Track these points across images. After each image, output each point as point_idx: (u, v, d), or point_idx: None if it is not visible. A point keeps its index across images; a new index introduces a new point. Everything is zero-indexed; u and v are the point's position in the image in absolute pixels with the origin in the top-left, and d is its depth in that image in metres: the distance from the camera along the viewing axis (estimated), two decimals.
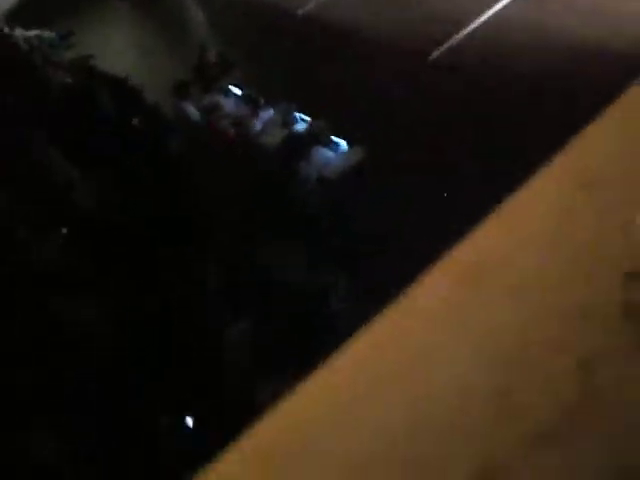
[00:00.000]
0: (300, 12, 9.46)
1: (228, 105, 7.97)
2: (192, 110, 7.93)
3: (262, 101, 7.77)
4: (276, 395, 0.86)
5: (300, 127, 7.39)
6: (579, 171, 1.02)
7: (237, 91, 8.10)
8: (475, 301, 0.89)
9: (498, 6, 8.08)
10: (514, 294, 0.89)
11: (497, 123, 6.36)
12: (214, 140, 7.62)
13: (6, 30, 10.41)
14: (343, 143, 6.84)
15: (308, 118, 7.34)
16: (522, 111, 6.34)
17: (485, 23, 7.98)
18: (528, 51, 7.26)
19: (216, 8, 10.59)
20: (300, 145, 7.13)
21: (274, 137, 7.44)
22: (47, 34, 10.09)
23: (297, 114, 7.43)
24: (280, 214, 6.38)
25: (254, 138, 7.54)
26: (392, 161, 6.34)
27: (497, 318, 0.87)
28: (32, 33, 10.15)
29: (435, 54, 7.76)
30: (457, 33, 7.91)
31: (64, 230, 5.87)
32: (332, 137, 6.90)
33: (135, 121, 7.43)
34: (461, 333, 0.87)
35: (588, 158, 1.03)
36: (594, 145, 1.05)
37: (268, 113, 7.68)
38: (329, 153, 6.88)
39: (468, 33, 7.91)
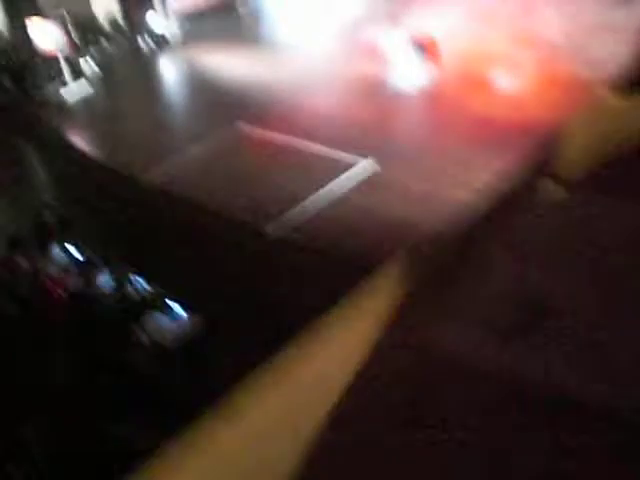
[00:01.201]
0: (144, 178, 9.70)
1: (63, 264, 7.96)
2: (26, 267, 7.85)
3: (98, 262, 7.82)
4: None
5: (135, 290, 7.46)
6: None
7: (74, 250, 8.12)
8: None
9: (330, 187, 8.79)
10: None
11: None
12: (47, 300, 7.52)
13: None
14: (179, 310, 6.96)
15: (144, 282, 7.44)
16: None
17: (318, 201, 8.61)
18: (354, 231, 7.87)
19: (58, 168, 10.68)
20: (134, 308, 7.18)
21: (108, 299, 7.45)
22: None
23: (133, 277, 7.52)
24: (111, 378, 6.35)
25: (87, 299, 7.51)
26: (227, 332, 6.56)
27: None
28: None
29: (270, 227, 8.24)
30: (292, 208, 8.47)
31: None
32: (168, 303, 7.01)
33: None
34: None
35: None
36: None
37: (103, 274, 7.72)
38: (164, 319, 6.97)
39: (300, 209, 8.48)
